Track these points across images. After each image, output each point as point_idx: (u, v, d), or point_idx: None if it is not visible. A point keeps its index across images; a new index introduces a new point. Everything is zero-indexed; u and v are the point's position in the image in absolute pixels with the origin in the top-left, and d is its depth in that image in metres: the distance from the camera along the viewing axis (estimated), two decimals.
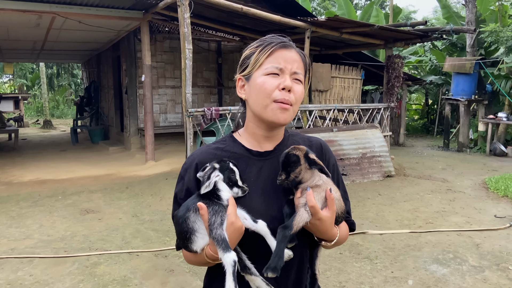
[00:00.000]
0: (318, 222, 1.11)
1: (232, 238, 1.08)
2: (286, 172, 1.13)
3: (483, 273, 3.66)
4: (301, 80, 1.19)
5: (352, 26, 8.34)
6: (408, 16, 24.86)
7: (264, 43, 1.19)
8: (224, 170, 1.14)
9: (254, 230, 1.12)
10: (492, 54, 12.79)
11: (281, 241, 1.07)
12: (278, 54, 1.16)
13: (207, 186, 1.11)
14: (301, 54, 1.21)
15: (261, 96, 1.16)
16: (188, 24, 6.16)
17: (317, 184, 1.14)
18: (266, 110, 1.16)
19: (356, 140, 7.47)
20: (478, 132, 11.38)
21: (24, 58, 15.21)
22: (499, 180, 6.96)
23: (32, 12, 7.04)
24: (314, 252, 1.24)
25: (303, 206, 1.10)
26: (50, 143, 12.69)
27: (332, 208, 1.12)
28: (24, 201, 5.98)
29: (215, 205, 1.11)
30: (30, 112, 24.22)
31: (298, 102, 1.19)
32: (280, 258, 1.06)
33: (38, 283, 3.48)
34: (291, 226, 1.07)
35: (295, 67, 1.17)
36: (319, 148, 1.31)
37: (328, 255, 3.96)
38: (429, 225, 4.98)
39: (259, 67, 1.17)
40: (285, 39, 1.21)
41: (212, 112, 6.56)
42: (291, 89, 1.15)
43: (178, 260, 3.91)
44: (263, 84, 1.15)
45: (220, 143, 1.29)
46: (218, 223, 1.08)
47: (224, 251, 1.06)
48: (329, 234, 1.16)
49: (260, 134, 1.24)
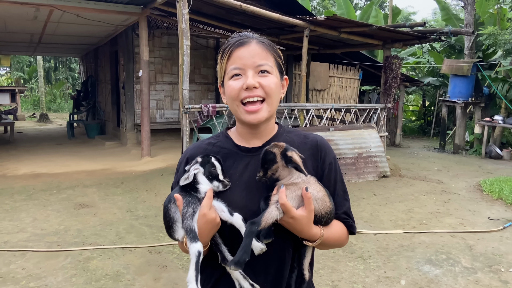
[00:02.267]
0: (292, 221, 1.11)
1: (204, 229, 1.11)
2: (264, 169, 1.13)
3: (475, 275, 3.68)
4: (268, 70, 1.18)
5: (351, 26, 8.34)
6: (407, 17, 24.90)
7: (223, 48, 1.21)
8: (205, 164, 1.17)
9: (230, 222, 1.13)
10: (490, 57, 12.83)
11: (247, 236, 1.08)
12: (235, 55, 1.18)
13: (186, 178, 1.15)
14: (262, 43, 1.20)
15: (230, 100, 1.20)
16: (187, 20, 6.14)
17: (294, 182, 1.13)
18: (238, 113, 1.21)
19: (352, 140, 7.48)
20: (474, 134, 11.42)
21: (21, 51, 15.13)
22: (493, 183, 6.99)
23: (30, 4, 6.99)
24: (301, 251, 1.23)
25: (274, 203, 1.10)
26: (46, 136, 12.63)
27: (309, 207, 1.11)
28: (18, 194, 5.95)
29: (189, 197, 1.14)
30: (26, 105, 24.08)
31: (271, 94, 1.18)
32: (245, 252, 1.06)
33: (31, 276, 3.46)
34: (258, 222, 1.08)
35: (257, 61, 1.17)
36: (314, 145, 1.29)
37: (322, 254, 3.97)
38: (423, 226, 4.99)
39: (225, 73, 1.21)
40: (243, 36, 1.20)
41: (209, 109, 6.54)
42: (256, 85, 1.15)
43: (171, 256, 3.90)
44: (229, 88, 1.19)
45: (213, 139, 1.33)
46: (190, 214, 1.12)
47: (190, 241, 1.09)
48: (306, 233, 1.14)
49: (246, 132, 1.27)
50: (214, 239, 1.18)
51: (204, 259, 1.27)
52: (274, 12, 7.34)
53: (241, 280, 1.14)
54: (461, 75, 11.01)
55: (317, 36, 9.16)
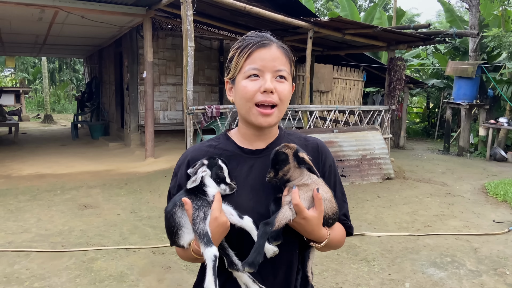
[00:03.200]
0: (304, 222, 1.10)
1: (215, 233, 1.09)
2: (274, 170, 1.13)
3: (480, 278, 3.65)
4: (285, 77, 1.17)
5: (355, 27, 8.33)
6: (411, 19, 24.83)
7: (243, 45, 1.18)
8: (212, 166, 1.15)
9: (240, 226, 1.12)
10: (494, 59, 12.77)
11: (261, 237, 1.06)
12: (256, 55, 1.15)
13: (193, 181, 1.12)
14: (282, 48, 1.19)
15: (243, 100, 1.17)
16: (191, 21, 6.15)
17: (305, 183, 1.13)
18: (249, 114, 1.17)
19: (356, 142, 7.46)
20: (478, 136, 11.36)
21: (26, 52, 15.19)
22: (498, 185, 6.95)
23: (35, 5, 7.03)
24: (305, 253, 1.23)
25: (287, 204, 1.10)
26: (50, 137, 12.68)
27: (320, 208, 1.10)
28: (22, 194, 5.97)
29: (199, 200, 1.12)
30: (31, 106, 24.20)
31: (284, 100, 1.17)
32: (259, 253, 1.05)
33: (35, 277, 3.47)
34: (272, 223, 1.07)
35: (277, 65, 1.15)
36: (315, 148, 1.29)
37: (326, 256, 3.96)
38: (427, 228, 4.97)
39: (240, 71, 1.18)
40: (264, 37, 1.19)
41: (213, 110, 6.55)
42: (273, 90, 1.14)
43: (175, 257, 3.90)
44: (244, 88, 1.16)
45: (213, 141, 1.31)
46: (201, 218, 1.09)
47: (205, 245, 1.06)
48: (316, 234, 1.14)
49: (250, 134, 1.25)
50: (220, 243, 1.16)
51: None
52: (278, 13, 7.34)
53: (250, 284, 1.12)
54: (466, 77, 10.97)
55: (321, 38, 9.16)
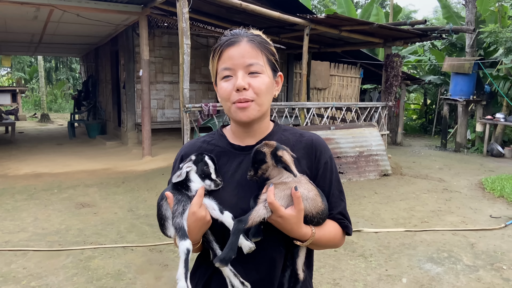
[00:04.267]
0: (280, 220, 1.10)
1: (194, 227, 1.12)
2: (254, 169, 1.13)
3: (477, 273, 3.67)
4: (259, 70, 1.16)
5: (352, 24, 8.32)
6: (408, 15, 24.85)
7: (214, 47, 1.20)
8: (198, 162, 1.18)
9: (221, 220, 1.13)
10: (491, 54, 12.79)
11: (233, 234, 1.07)
12: (225, 55, 1.16)
13: (178, 175, 1.16)
14: (253, 41, 1.17)
15: (223, 101, 1.20)
16: (187, 19, 6.13)
17: (283, 181, 1.13)
18: (230, 112, 1.20)
19: (354, 139, 7.47)
20: (475, 132, 11.39)
21: (22, 51, 15.14)
22: (495, 181, 6.98)
23: (30, 4, 6.99)
24: (295, 250, 1.22)
25: (262, 202, 1.10)
26: (47, 136, 12.64)
27: (298, 207, 1.09)
28: (19, 194, 5.95)
29: (179, 195, 1.16)
30: (27, 105, 24.10)
31: (260, 94, 1.16)
32: (231, 250, 1.06)
33: (32, 276, 3.46)
34: (245, 220, 1.08)
35: (247, 60, 1.15)
36: (309, 144, 1.27)
37: (323, 252, 3.96)
38: (424, 224, 4.98)
39: (217, 73, 1.20)
40: (234, 34, 1.18)
41: (210, 108, 6.54)
42: (246, 87, 1.14)
43: (172, 255, 3.90)
44: (221, 89, 1.19)
45: (208, 137, 1.33)
46: (179, 212, 1.13)
47: (180, 238, 1.10)
48: (296, 233, 1.13)
49: (239, 131, 1.27)
50: (206, 237, 1.18)
51: (200, 256, 1.29)
52: (274, 10, 7.33)
53: (232, 278, 1.14)
54: (463, 73, 10.98)
55: (318, 35, 9.15)
